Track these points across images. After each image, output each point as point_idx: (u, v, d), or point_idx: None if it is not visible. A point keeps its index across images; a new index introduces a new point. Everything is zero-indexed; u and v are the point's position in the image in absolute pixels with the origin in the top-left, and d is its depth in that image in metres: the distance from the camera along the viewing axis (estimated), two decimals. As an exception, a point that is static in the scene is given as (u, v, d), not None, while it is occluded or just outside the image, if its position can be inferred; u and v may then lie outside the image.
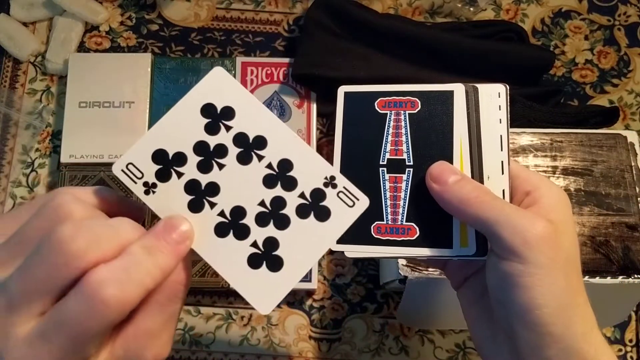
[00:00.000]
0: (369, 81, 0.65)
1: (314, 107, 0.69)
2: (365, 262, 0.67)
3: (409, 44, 0.68)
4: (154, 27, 0.74)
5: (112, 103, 0.67)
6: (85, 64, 0.68)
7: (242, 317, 0.66)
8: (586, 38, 0.74)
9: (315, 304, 0.66)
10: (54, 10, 0.72)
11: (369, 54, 0.69)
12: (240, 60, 0.70)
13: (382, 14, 0.72)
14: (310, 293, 0.66)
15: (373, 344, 0.65)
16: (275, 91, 0.70)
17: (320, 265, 0.66)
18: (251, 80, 0.70)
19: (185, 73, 0.69)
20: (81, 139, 0.66)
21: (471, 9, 0.74)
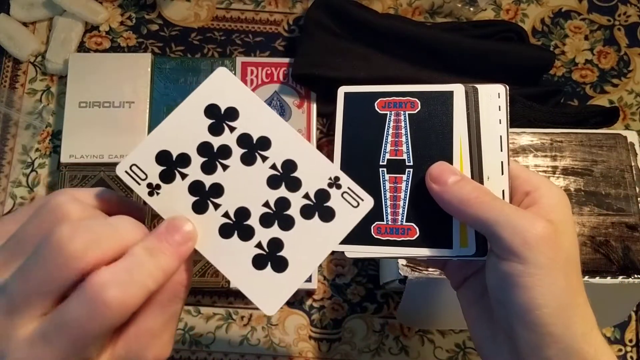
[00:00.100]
0: (369, 81, 0.65)
1: (314, 107, 0.69)
2: (365, 262, 0.67)
3: (409, 44, 0.68)
4: (154, 27, 0.74)
5: (112, 103, 0.67)
6: (85, 64, 0.68)
7: (242, 317, 0.66)
8: (586, 38, 0.74)
9: (315, 304, 0.66)
10: (54, 10, 0.72)
11: (369, 54, 0.69)
12: (240, 60, 0.70)
13: (382, 14, 0.72)
14: (310, 293, 0.66)
15: (373, 344, 0.65)
16: (275, 91, 0.70)
17: (320, 265, 0.66)
18: (251, 80, 0.70)
19: (185, 73, 0.69)
20: (81, 139, 0.66)
21: (471, 9, 0.74)
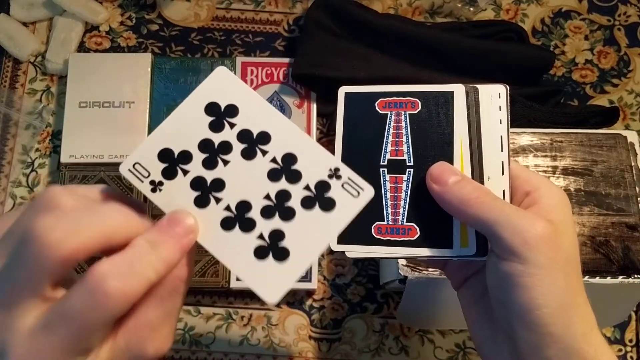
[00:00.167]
0: (369, 81, 0.65)
1: (314, 107, 0.69)
2: (365, 262, 0.67)
3: (409, 44, 0.68)
4: (154, 27, 0.74)
5: (112, 103, 0.67)
6: (85, 64, 0.68)
7: (242, 317, 0.66)
8: (586, 38, 0.74)
9: (315, 304, 0.66)
10: (54, 10, 0.72)
11: (369, 54, 0.69)
12: (240, 60, 0.70)
13: (382, 14, 0.72)
14: (310, 293, 0.66)
15: (373, 344, 0.65)
16: (275, 91, 0.70)
17: (320, 265, 0.66)
18: (251, 80, 0.70)
19: (185, 73, 0.69)
20: (81, 139, 0.66)
21: (471, 9, 0.74)
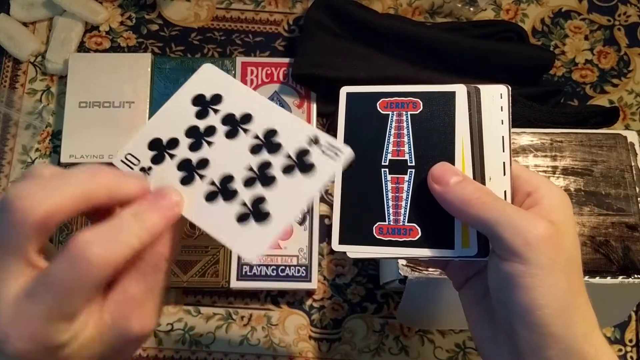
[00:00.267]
0: (369, 81, 0.65)
1: (314, 107, 0.69)
2: (365, 262, 0.67)
3: (409, 44, 0.68)
4: (154, 27, 0.74)
5: (112, 103, 0.67)
6: (85, 64, 0.68)
7: (242, 317, 0.66)
8: (586, 38, 0.74)
9: (315, 304, 0.66)
10: (54, 10, 0.72)
11: (369, 54, 0.69)
12: (240, 60, 0.70)
13: (382, 14, 0.72)
14: (310, 293, 0.66)
15: (373, 344, 0.65)
16: (275, 91, 0.70)
17: (320, 265, 0.66)
18: (251, 80, 0.70)
19: (185, 73, 0.69)
20: (81, 139, 0.66)
21: (471, 9, 0.74)
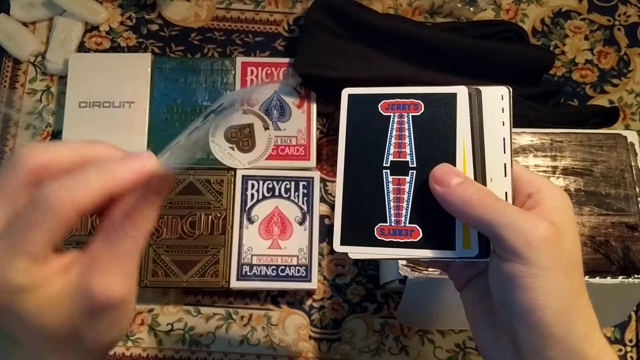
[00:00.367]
0: (369, 81, 0.65)
1: (314, 107, 0.69)
2: (365, 262, 0.67)
3: (409, 44, 0.68)
4: (154, 27, 0.73)
5: (112, 103, 0.67)
6: (85, 64, 0.68)
7: (242, 317, 0.66)
8: (586, 38, 0.74)
9: (315, 304, 0.66)
10: (54, 10, 0.72)
11: (369, 54, 0.69)
12: (240, 60, 0.70)
13: (382, 14, 0.72)
14: (310, 293, 0.66)
15: (373, 344, 0.65)
16: (275, 91, 0.70)
17: (320, 265, 0.66)
18: (251, 80, 0.70)
19: (185, 73, 0.69)
20: (81, 139, 0.66)
21: (471, 9, 0.74)
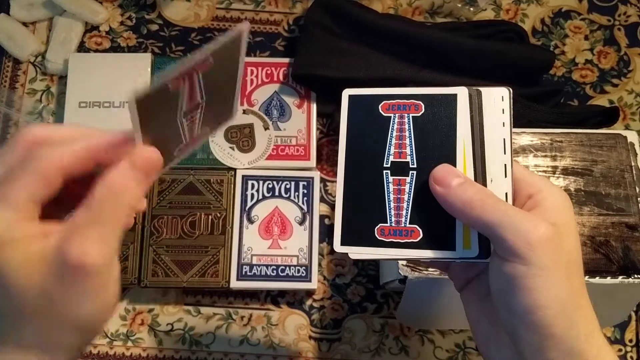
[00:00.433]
0: (368, 81, 0.65)
1: (314, 107, 0.69)
2: (365, 262, 0.67)
3: (409, 44, 0.68)
4: (154, 27, 0.73)
5: (112, 103, 0.67)
6: (85, 64, 0.68)
7: (242, 317, 0.66)
8: (586, 38, 0.74)
9: (315, 304, 0.66)
10: (54, 10, 0.72)
11: (369, 54, 0.69)
12: (240, 60, 0.70)
13: (382, 14, 0.72)
14: (310, 293, 0.66)
15: (373, 344, 0.65)
16: (275, 91, 0.70)
17: (320, 265, 0.66)
18: (251, 80, 0.70)
19: (185, 73, 0.69)
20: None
21: (471, 9, 0.74)
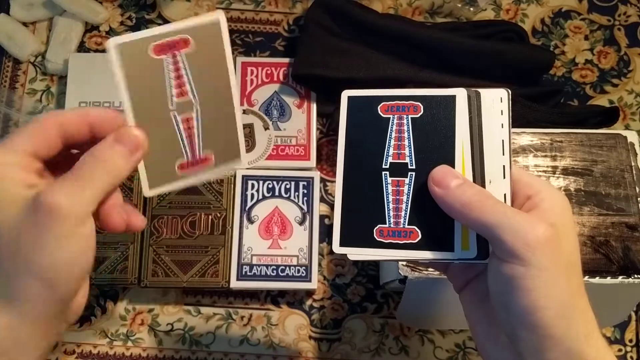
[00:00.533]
0: (368, 81, 0.65)
1: (314, 107, 0.69)
2: (365, 262, 0.67)
3: (409, 44, 0.68)
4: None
5: (112, 103, 0.67)
6: (85, 64, 0.68)
7: (242, 317, 0.66)
8: (586, 38, 0.74)
9: (315, 304, 0.66)
10: (54, 10, 0.72)
11: (369, 54, 0.69)
12: (240, 60, 0.70)
13: (382, 14, 0.72)
14: (310, 293, 0.66)
15: (373, 344, 0.65)
16: (275, 91, 0.70)
17: (320, 265, 0.66)
18: (251, 80, 0.70)
19: (185, 73, 0.69)
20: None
21: (471, 9, 0.74)
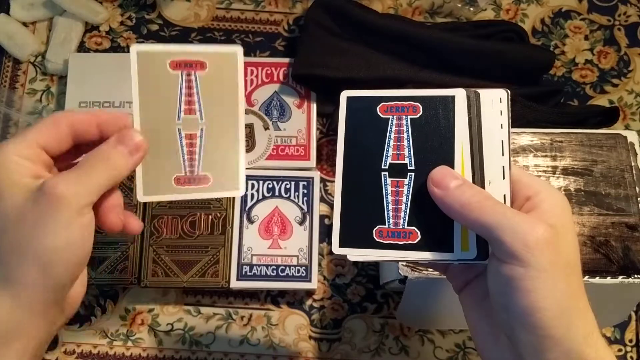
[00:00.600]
0: (368, 81, 0.65)
1: (314, 107, 0.69)
2: (365, 263, 0.67)
3: (409, 44, 0.68)
4: (154, 27, 0.74)
5: (112, 103, 0.67)
6: (85, 64, 0.69)
7: (242, 317, 0.66)
8: (586, 38, 0.74)
9: (315, 304, 0.66)
10: (54, 10, 0.72)
11: (369, 54, 0.69)
12: (240, 60, 0.70)
13: (382, 14, 0.72)
14: (310, 293, 0.66)
15: (373, 344, 0.65)
16: (275, 91, 0.70)
17: (320, 265, 0.66)
18: (251, 80, 0.70)
19: (185, 73, 0.69)
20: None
21: (471, 9, 0.74)
